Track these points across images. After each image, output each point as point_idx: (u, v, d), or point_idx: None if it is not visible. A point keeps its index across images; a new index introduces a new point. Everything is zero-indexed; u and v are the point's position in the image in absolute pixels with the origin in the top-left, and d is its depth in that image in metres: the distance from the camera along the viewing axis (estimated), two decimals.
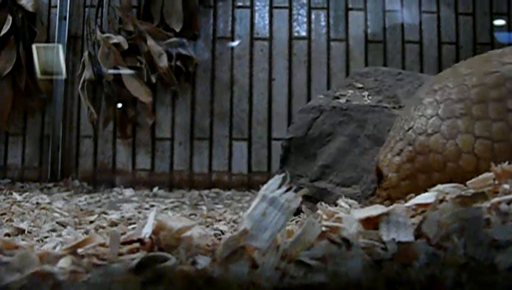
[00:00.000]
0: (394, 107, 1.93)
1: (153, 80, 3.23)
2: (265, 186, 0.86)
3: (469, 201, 0.84)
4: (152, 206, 2.27)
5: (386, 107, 1.92)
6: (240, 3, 3.47)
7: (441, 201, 0.86)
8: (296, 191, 0.84)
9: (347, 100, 1.98)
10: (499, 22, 3.58)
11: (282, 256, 0.78)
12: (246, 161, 3.36)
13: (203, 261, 0.77)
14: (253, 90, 3.39)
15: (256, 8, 3.47)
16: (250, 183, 3.31)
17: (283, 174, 0.86)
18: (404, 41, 3.48)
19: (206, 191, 3.15)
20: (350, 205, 1.13)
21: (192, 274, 0.77)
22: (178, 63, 3.31)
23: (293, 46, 3.44)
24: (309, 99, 3.20)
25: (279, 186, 0.85)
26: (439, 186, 0.89)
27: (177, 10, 3.34)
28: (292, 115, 3.31)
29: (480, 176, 0.93)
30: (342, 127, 1.89)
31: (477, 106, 1.15)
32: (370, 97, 2.01)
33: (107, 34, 3.25)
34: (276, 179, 0.85)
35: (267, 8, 3.47)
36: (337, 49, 3.44)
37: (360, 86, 2.10)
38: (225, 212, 2.05)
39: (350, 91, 2.07)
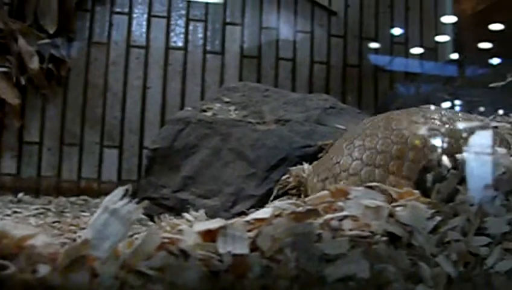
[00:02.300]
0: (258, 123, 2.00)
1: (22, 81, 3.13)
2: (107, 197, 0.88)
3: (302, 217, 0.90)
4: (15, 212, 2.20)
5: (250, 122, 1.98)
6: (118, 9, 3.44)
7: (277, 216, 0.91)
8: (138, 203, 0.87)
9: (213, 114, 2.03)
10: (368, 45, 3.77)
11: (121, 266, 0.80)
12: (116, 168, 3.33)
13: (43, 270, 0.77)
14: (127, 97, 3.37)
15: (135, 15, 3.46)
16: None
17: (126, 186, 0.88)
18: (278, 58, 3.59)
19: (74, 198, 3.08)
20: (196, 218, 1.16)
21: (31, 282, 0.77)
22: (50, 65, 3.22)
23: (170, 56, 3.45)
24: (182, 109, 3.22)
25: (122, 198, 0.87)
26: (276, 203, 0.94)
27: (52, 11, 3.25)
28: (165, 124, 3.31)
29: (318, 194, 1.00)
30: (206, 140, 1.93)
31: (394, 161, 1.24)
32: (236, 112, 2.07)
33: None
34: (119, 191, 0.87)
35: (145, 16, 3.47)
36: (212, 61, 3.49)
37: (228, 100, 2.15)
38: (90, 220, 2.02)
39: (217, 105, 2.11)
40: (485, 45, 3.54)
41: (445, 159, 1.12)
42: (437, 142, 1.22)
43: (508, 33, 3.39)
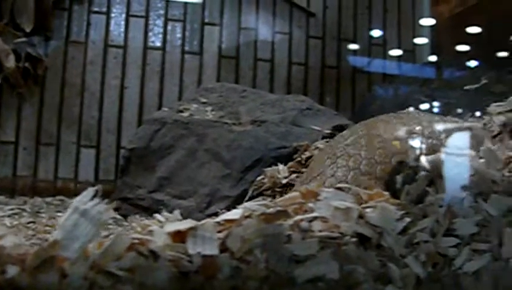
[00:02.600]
0: (235, 123, 2.00)
1: None
2: (78, 197, 0.87)
3: (272, 218, 0.90)
4: None
5: (226, 123, 1.98)
6: (96, 9, 3.42)
7: (247, 217, 0.92)
8: (108, 203, 0.87)
9: (190, 114, 2.03)
10: (346, 46, 3.79)
11: (91, 266, 0.79)
12: (93, 168, 3.31)
13: (12, 271, 0.77)
14: (105, 97, 3.35)
15: (113, 14, 3.44)
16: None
17: (96, 187, 0.88)
18: (257, 58, 3.59)
19: (50, 199, 3.06)
20: (167, 218, 1.16)
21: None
22: (26, 64, 3.20)
23: (148, 55, 3.44)
24: (160, 109, 3.21)
25: (92, 199, 0.87)
26: (247, 204, 0.95)
27: (29, 9, 3.23)
28: (142, 124, 3.30)
29: (288, 195, 1.01)
30: (182, 141, 1.94)
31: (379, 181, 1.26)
32: (213, 112, 2.07)
33: None
34: (89, 191, 0.87)
35: (124, 15, 3.45)
36: (190, 62, 3.48)
37: (205, 100, 2.15)
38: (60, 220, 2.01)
39: (194, 105, 2.11)
40: (463, 48, 3.57)
41: (415, 161, 1.13)
42: (408, 145, 1.24)
43: (485, 36, 3.42)
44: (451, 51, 3.79)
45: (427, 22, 4.00)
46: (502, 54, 3.19)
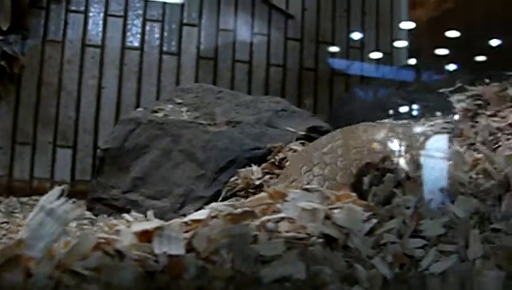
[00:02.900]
0: (210, 124, 2.00)
1: None
2: (44, 197, 0.87)
3: (238, 219, 0.91)
4: None
5: (202, 123, 1.98)
6: (73, 8, 3.40)
7: (214, 218, 0.92)
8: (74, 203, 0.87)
9: (165, 114, 2.03)
10: (324, 49, 3.80)
11: (56, 265, 0.79)
12: (69, 168, 3.29)
13: None
14: (82, 97, 3.33)
15: (91, 14, 3.42)
16: (74, 192, 3.23)
17: (62, 186, 0.88)
18: (235, 60, 3.59)
19: (25, 199, 3.03)
20: (136, 218, 1.16)
21: None
22: (2, 62, 3.16)
23: (125, 55, 3.42)
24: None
25: (58, 198, 0.87)
26: (213, 204, 0.95)
27: (6, 7, 3.19)
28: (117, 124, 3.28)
29: (257, 196, 1.01)
30: (157, 141, 1.93)
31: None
32: (188, 113, 2.07)
33: None
34: (55, 191, 0.87)
35: (102, 15, 3.43)
36: (168, 62, 3.47)
37: (180, 101, 2.15)
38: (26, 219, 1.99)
39: (170, 106, 2.11)
40: (440, 51, 3.60)
41: (383, 164, 1.14)
42: (377, 147, 1.25)
43: (462, 39, 3.46)
44: (428, 54, 3.82)
45: (405, 25, 4.02)
46: (480, 57, 3.22)
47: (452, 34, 3.53)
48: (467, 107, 1.92)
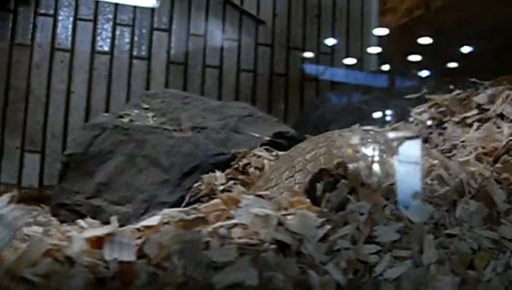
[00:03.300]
0: (175, 130, 2.00)
1: None
2: None
3: (190, 225, 0.91)
4: None
5: (167, 129, 1.98)
6: (42, 11, 3.37)
7: (166, 224, 0.92)
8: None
9: (130, 120, 2.02)
10: (295, 54, 3.82)
11: (5, 272, 0.78)
12: (37, 174, 3.25)
13: None
14: (50, 101, 3.30)
15: (60, 17, 3.39)
16: (41, 198, 3.20)
17: (13, 193, 0.87)
18: (206, 65, 3.59)
19: None
20: (90, 225, 1.15)
21: None
22: None
23: (95, 60, 3.40)
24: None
25: (8, 204, 0.86)
26: (166, 210, 0.95)
27: None
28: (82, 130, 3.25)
29: (211, 202, 1.01)
30: (121, 146, 1.92)
31: None
32: (154, 118, 2.07)
33: None
34: (5, 197, 0.86)
35: (71, 18, 3.40)
36: (139, 67, 3.46)
37: (147, 106, 2.14)
38: None
39: (136, 111, 2.10)
40: (411, 57, 3.64)
41: (337, 170, 1.14)
42: (333, 154, 1.26)
43: (433, 46, 3.49)
44: (398, 60, 3.86)
45: (376, 31, 4.06)
46: (451, 64, 3.25)
47: (423, 40, 3.57)
48: (431, 116, 1.95)
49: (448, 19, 3.44)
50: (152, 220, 0.93)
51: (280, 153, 1.82)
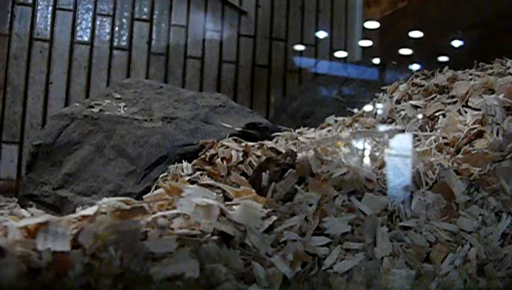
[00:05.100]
0: (146, 120, 1.97)
1: None
2: None
3: (128, 215, 0.88)
4: None
5: (137, 119, 1.95)
6: (21, 0, 3.33)
7: (102, 213, 0.90)
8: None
9: (100, 110, 1.99)
10: (277, 45, 3.79)
11: None
12: (16, 165, 3.23)
13: None
14: (28, 92, 3.27)
15: (39, 7, 3.36)
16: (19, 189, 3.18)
17: None
18: (187, 56, 3.56)
19: None
20: (32, 214, 1.13)
21: None
22: None
23: (75, 50, 3.37)
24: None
25: None
26: (105, 199, 0.93)
27: None
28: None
29: (155, 191, 0.99)
30: (90, 137, 1.90)
31: None
32: (126, 108, 2.04)
33: None
34: None
35: (50, 8, 3.37)
36: (119, 58, 3.43)
37: (119, 96, 2.11)
38: None
39: (107, 101, 2.08)
40: (394, 49, 3.63)
41: (285, 159, 1.12)
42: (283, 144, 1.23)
43: (417, 38, 3.48)
44: (381, 52, 3.85)
45: (360, 23, 4.05)
46: (436, 55, 3.25)
47: (407, 32, 3.56)
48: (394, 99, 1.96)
49: (432, 11, 3.44)
50: (89, 210, 0.91)
51: (250, 143, 1.80)
